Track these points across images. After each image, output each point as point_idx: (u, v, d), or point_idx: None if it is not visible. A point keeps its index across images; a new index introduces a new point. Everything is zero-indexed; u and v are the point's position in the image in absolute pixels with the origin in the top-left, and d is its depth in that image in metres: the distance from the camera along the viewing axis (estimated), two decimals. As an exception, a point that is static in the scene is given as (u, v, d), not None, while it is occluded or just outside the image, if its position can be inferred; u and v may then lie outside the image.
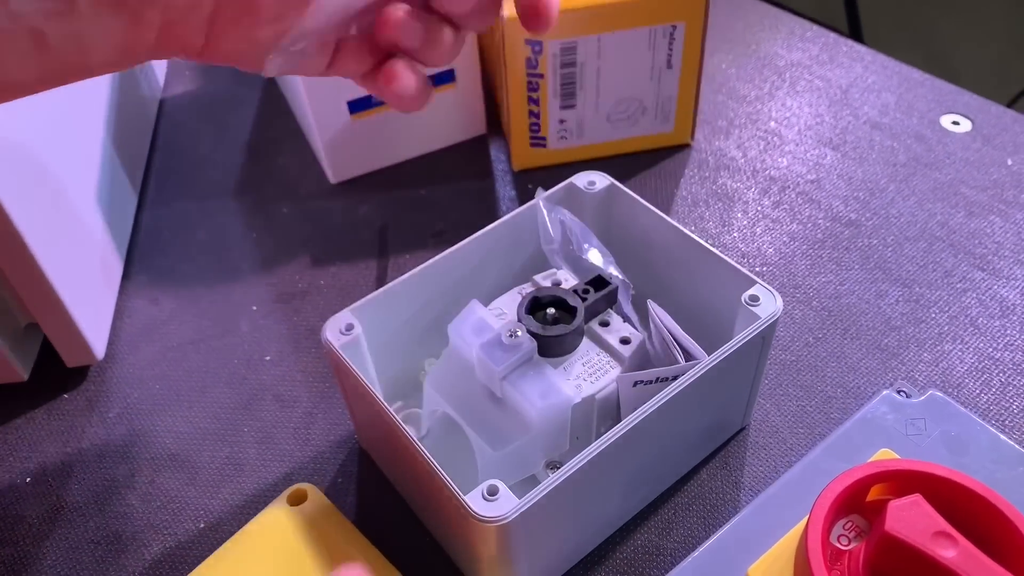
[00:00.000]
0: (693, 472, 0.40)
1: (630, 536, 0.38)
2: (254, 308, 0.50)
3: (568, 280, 0.40)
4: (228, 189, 0.58)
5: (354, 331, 0.37)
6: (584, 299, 0.38)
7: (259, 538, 0.35)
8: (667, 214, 0.53)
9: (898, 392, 0.32)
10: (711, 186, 0.55)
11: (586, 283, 0.38)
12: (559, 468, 0.37)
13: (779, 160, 0.56)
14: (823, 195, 0.53)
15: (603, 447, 0.32)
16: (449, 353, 0.38)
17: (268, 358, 0.47)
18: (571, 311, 0.37)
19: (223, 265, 0.53)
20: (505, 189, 0.56)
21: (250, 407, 0.45)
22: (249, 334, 0.49)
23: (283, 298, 0.50)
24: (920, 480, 0.26)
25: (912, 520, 0.25)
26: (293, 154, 0.60)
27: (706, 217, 0.53)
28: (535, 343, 0.36)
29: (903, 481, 0.27)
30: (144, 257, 0.53)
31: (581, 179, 0.43)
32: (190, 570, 0.36)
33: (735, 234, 0.51)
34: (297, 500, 0.36)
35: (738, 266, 0.38)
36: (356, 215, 0.55)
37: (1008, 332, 0.45)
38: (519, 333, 0.36)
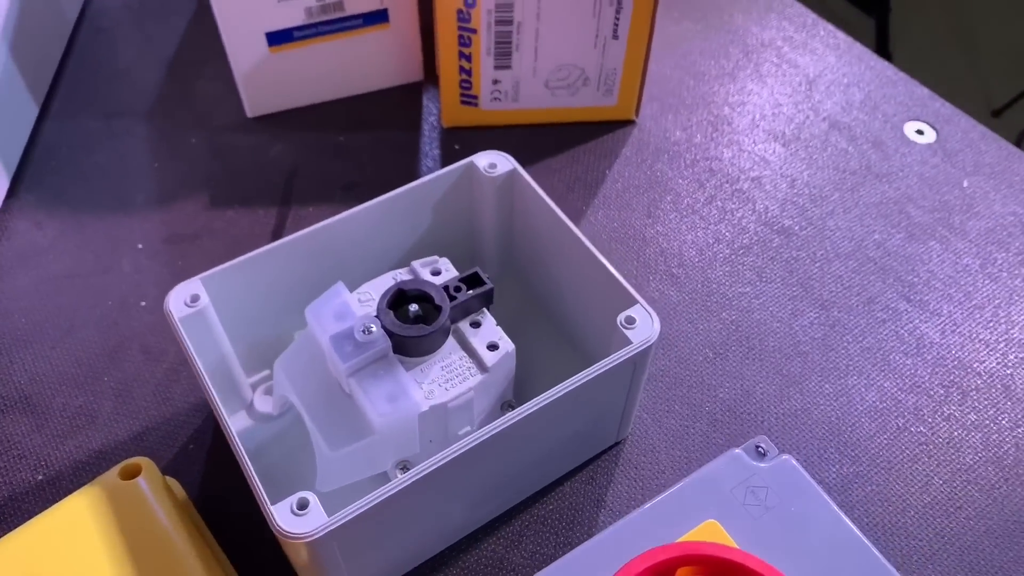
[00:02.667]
0: (556, 484, 0.39)
1: (477, 545, 0.37)
2: (140, 246, 0.47)
3: (448, 271, 0.37)
4: (139, 109, 0.54)
5: (200, 302, 0.34)
6: (454, 297, 0.35)
7: (80, 513, 0.33)
8: (593, 198, 0.50)
9: (757, 447, 0.30)
10: (647, 171, 0.51)
11: (461, 278, 0.36)
12: (409, 469, 0.36)
13: (723, 151, 0.52)
14: (761, 195, 0.50)
15: (437, 465, 0.30)
16: (305, 336, 0.36)
17: (144, 304, 0.45)
18: (437, 309, 0.34)
19: (117, 193, 0.50)
20: (431, 145, 0.52)
21: (115, 355, 0.43)
22: (130, 275, 0.46)
23: (172, 239, 0.48)
24: (728, 569, 0.25)
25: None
26: (214, 79, 0.56)
27: (633, 205, 0.49)
28: (390, 341, 0.33)
29: (712, 567, 0.25)
30: (36, 174, 0.50)
31: (482, 159, 0.39)
32: (18, 524, 0.35)
33: (659, 227, 0.48)
34: (130, 475, 0.34)
35: (622, 280, 0.35)
36: (267, 155, 0.51)
37: (918, 372, 0.43)
38: (373, 329, 0.33)
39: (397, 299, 0.35)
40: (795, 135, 0.53)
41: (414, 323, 0.34)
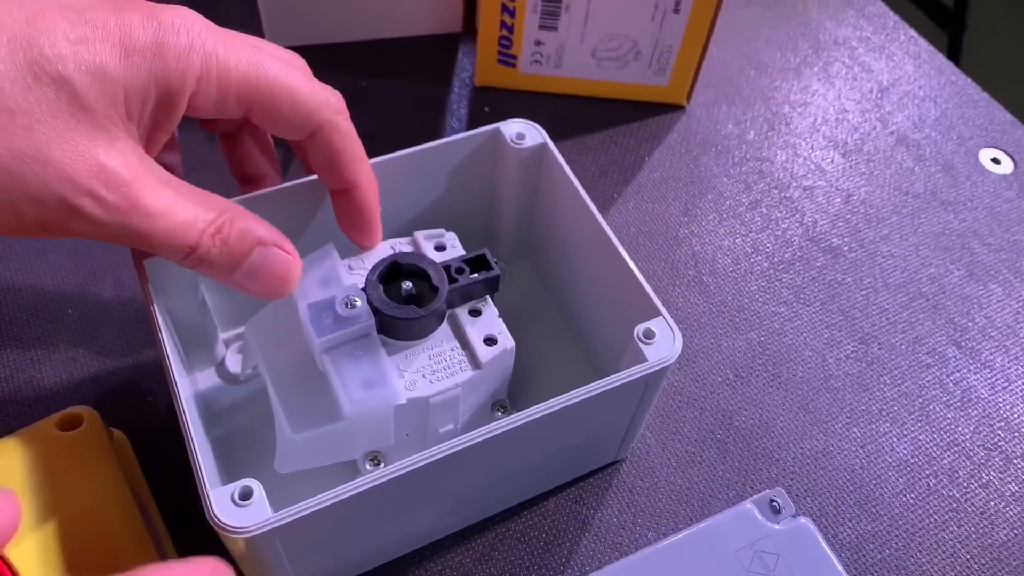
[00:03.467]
0: (540, 498, 0.35)
1: (442, 554, 0.33)
2: (130, 171, 0.43)
3: (454, 248, 0.33)
4: (153, 23, 0.50)
5: (173, 247, 0.31)
6: (455, 280, 0.31)
7: (5, 462, 0.29)
8: (627, 185, 0.45)
9: (771, 502, 0.26)
10: (690, 164, 0.47)
11: (466, 259, 0.32)
12: (380, 463, 0.32)
13: (776, 152, 0.48)
14: (812, 207, 0.45)
15: (406, 470, 0.26)
16: (283, 299, 0.32)
17: (124, 234, 0.41)
18: (433, 291, 0.30)
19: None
20: (459, 104, 0.48)
21: (85, 285, 0.39)
22: (115, 200, 0.42)
23: (167, 168, 0.44)
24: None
25: None
26: (238, 3, 0.51)
27: (669, 199, 0.45)
28: (374, 319, 0.29)
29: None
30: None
31: (509, 128, 0.35)
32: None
33: (694, 228, 0.44)
34: (69, 425, 0.31)
35: (647, 287, 0.31)
36: (281, 91, 0.47)
37: (959, 429, 0.38)
38: (357, 303, 0.29)
39: (390, 273, 0.31)
40: (857, 146, 0.48)
41: (406, 303, 0.30)
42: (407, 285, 0.30)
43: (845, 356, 0.40)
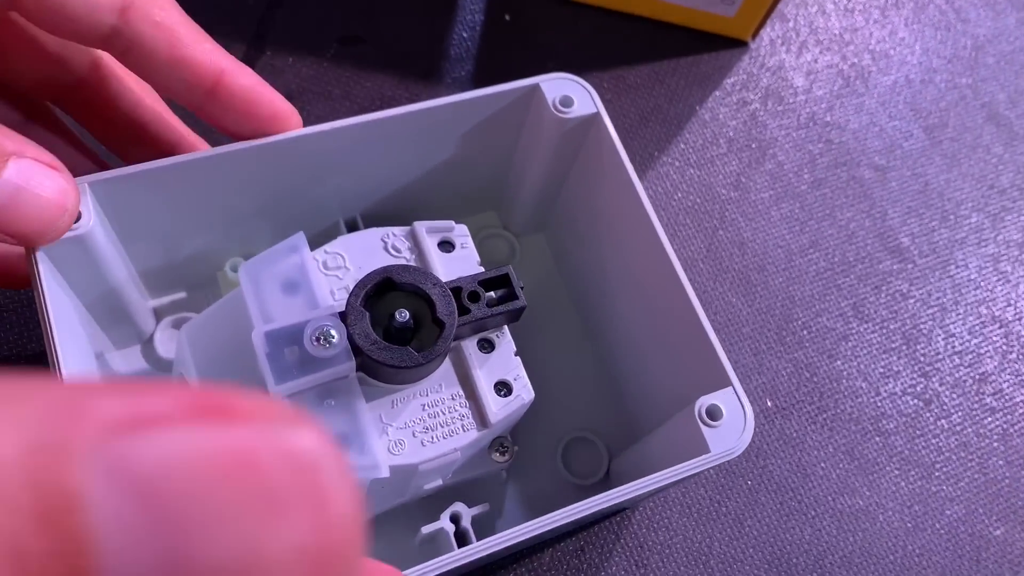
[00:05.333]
0: (537, 548, 0.29)
1: (413, 615, 0.27)
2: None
3: (464, 249, 0.25)
4: None
5: (81, 226, 0.22)
6: (467, 309, 0.23)
7: None
8: (670, 142, 0.37)
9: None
10: (747, 119, 0.38)
11: (485, 279, 0.24)
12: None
13: (849, 117, 0.39)
14: (883, 193, 0.38)
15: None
16: (232, 302, 0.24)
17: (27, 145, 0.32)
18: (437, 324, 0.23)
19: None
20: (473, 8, 0.38)
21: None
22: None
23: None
24: None
25: None
26: None
27: (718, 166, 0.37)
28: (354, 361, 0.22)
29: None
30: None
31: (553, 87, 0.26)
32: None
33: (745, 207, 0.36)
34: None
35: (720, 352, 0.23)
36: (246, -37, 0.37)
37: (1019, 493, 0.33)
38: (333, 339, 0.22)
39: (381, 288, 0.23)
40: (941, 120, 0.40)
41: (398, 338, 0.22)
42: (402, 316, 0.22)
43: (901, 390, 0.34)
